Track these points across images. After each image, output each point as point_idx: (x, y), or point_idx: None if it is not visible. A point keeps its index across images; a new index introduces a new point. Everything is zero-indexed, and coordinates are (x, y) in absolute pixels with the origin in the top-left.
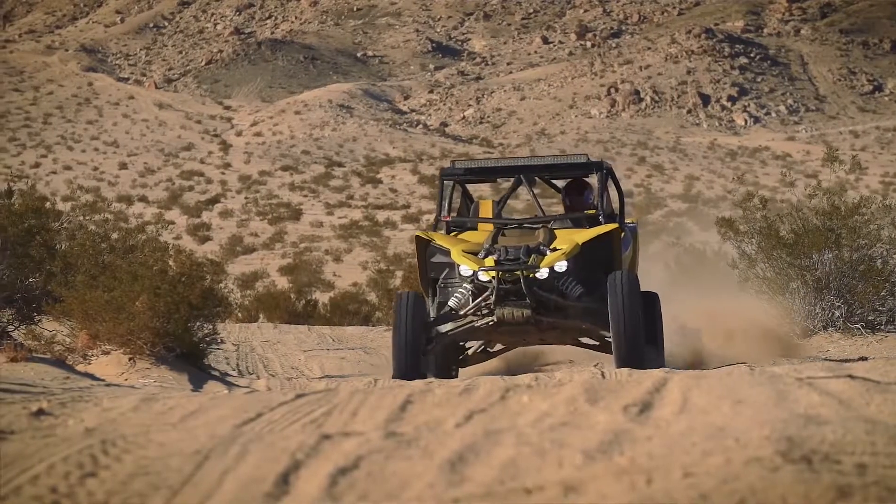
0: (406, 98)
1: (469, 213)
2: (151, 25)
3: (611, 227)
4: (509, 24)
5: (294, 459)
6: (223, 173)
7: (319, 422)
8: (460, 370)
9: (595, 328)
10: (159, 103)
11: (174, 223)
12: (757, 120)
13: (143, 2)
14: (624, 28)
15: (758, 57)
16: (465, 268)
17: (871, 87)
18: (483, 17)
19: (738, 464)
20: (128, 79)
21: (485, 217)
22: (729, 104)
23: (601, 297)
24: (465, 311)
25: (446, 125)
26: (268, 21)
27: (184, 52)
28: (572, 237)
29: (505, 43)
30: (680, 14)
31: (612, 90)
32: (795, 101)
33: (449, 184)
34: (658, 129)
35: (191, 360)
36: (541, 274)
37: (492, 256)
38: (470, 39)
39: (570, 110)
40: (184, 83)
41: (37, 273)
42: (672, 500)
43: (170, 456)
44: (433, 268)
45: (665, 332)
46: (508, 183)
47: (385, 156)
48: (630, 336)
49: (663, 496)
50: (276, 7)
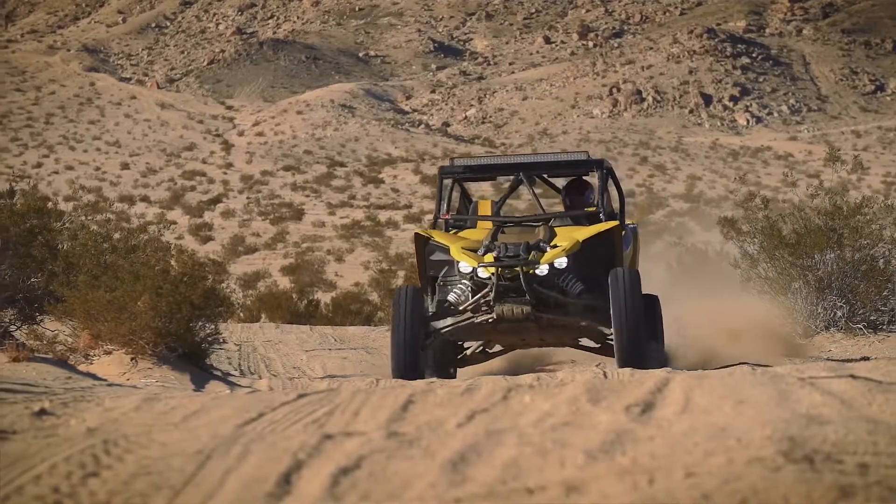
0: (408, 98)
1: (468, 213)
2: (153, 25)
3: (612, 225)
4: (511, 24)
5: (296, 459)
6: (225, 173)
7: (321, 422)
8: (459, 370)
9: (595, 326)
10: (161, 103)
11: (176, 223)
12: (759, 120)
13: (144, 2)
14: (626, 28)
15: (760, 57)
16: (465, 264)
17: (873, 87)
18: (485, 17)
19: (740, 464)
20: (130, 79)
21: (484, 213)
22: (731, 104)
23: (602, 295)
24: (464, 307)
25: (448, 125)
26: (270, 21)
27: (186, 52)
28: (573, 234)
29: (507, 43)
30: (682, 14)
31: (614, 90)
32: (797, 101)
33: (448, 182)
34: (660, 129)
35: (193, 360)
36: (541, 270)
37: (491, 253)
38: (472, 39)
39: (572, 110)
40: (186, 83)
41: (39, 273)
42: (674, 500)
43: (172, 456)
44: (432, 266)
45: (668, 333)
46: (509, 182)
47: (387, 156)
48: (632, 332)
49: (665, 496)
50: (278, 7)
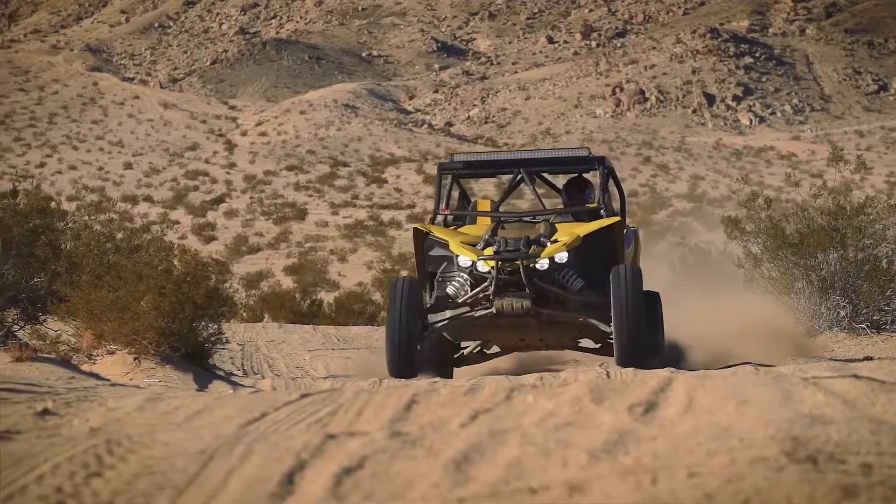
0: (411, 98)
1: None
2: (156, 25)
3: (613, 220)
4: (514, 24)
5: (299, 459)
6: (228, 173)
7: (324, 421)
8: (456, 370)
9: (595, 323)
10: (164, 103)
11: (179, 223)
12: (762, 120)
13: (148, 2)
14: (629, 28)
15: (763, 57)
16: (464, 258)
17: (876, 86)
18: (488, 17)
19: (743, 464)
20: (133, 78)
21: (483, 210)
22: (734, 104)
23: (602, 292)
24: (462, 300)
25: (451, 125)
26: (273, 21)
27: (189, 52)
28: (573, 230)
29: (510, 43)
30: (685, 14)
31: (617, 90)
32: (800, 101)
33: (447, 177)
34: (663, 129)
35: (196, 359)
36: (541, 265)
37: (491, 247)
38: (475, 39)
39: (575, 110)
40: (189, 83)
41: (42, 273)
42: (677, 500)
43: (175, 456)
44: (431, 261)
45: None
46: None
47: (390, 155)
48: (632, 330)
49: (668, 496)
50: (280, 7)
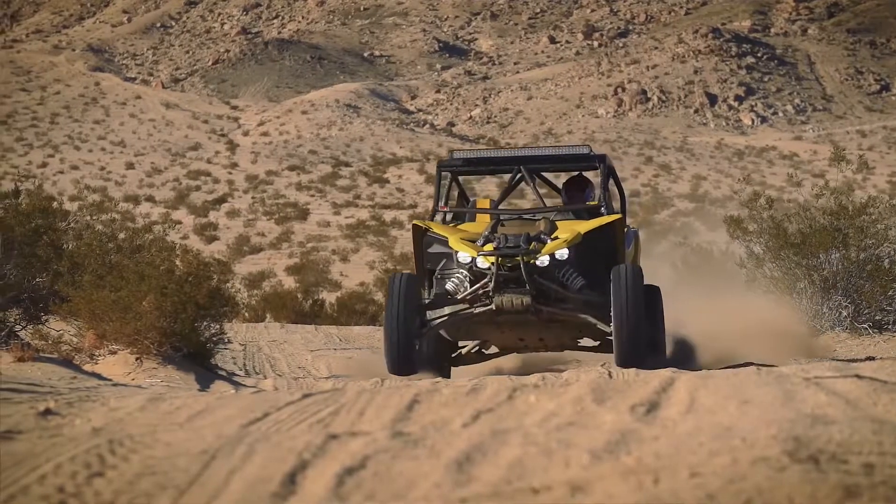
0: (413, 98)
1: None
2: (158, 25)
3: (614, 218)
4: (516, 24)
5: (301, 459)
6: (230, 173)
7: (326, 421)
8: (453, 370)
9: (595, 322)
10: (166, 103)
11: (181, 223)
12: (764, 119)
13: (150, 1)
14: (631, 28)
15: (765, 56)
16: (464, 254)
17: (878, 86)
18: (490, 17)
19: (745, 463)
20: (135, 78)
21: (483, 208)
22: (736, 104)
23: (603, 291)
24: (462, 297)
25: (453, 125)
26: (275, 21)
27: (191, 52)
28: (574, 227)
29: (512, 42)
30: (687, 14)
31: (619, 90)
32: (802, 101)
33: (447, 175)
34: (665, 129)
35: (198, 359)
36: (541, 261)
37: (491, 243)
38: (477, 39)
39: (577, 110)
40: (191, 83)
41: (44, 273)
42: (679, 500)
43: (177, 456)
44: (430, 258)
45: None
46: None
47: (392, 155)
48: (632, 330)
49: (670, 496)
50: (282, 7)
